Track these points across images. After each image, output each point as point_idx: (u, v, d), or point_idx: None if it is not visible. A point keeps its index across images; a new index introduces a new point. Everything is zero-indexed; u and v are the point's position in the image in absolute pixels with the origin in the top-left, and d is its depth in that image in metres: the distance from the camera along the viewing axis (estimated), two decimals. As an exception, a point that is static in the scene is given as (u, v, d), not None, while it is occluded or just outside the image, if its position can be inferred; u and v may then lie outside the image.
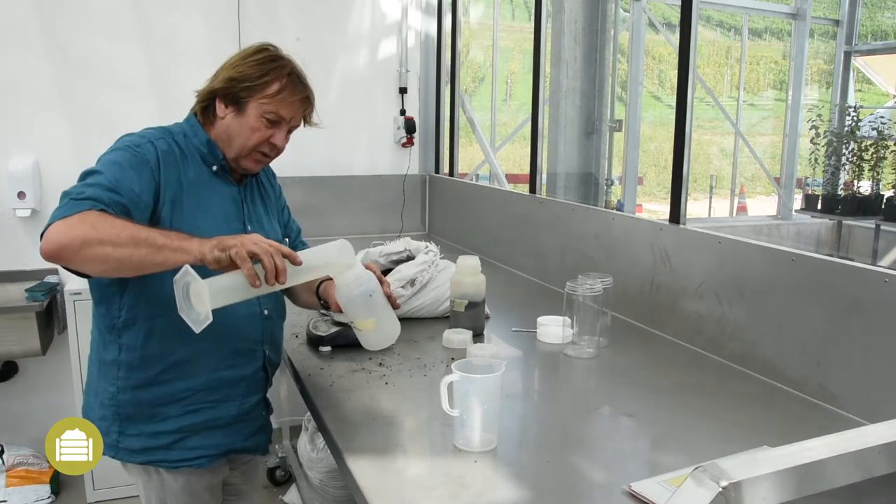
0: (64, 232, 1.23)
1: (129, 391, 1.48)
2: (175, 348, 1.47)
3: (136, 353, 1.47)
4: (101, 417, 1.51)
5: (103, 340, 1.50)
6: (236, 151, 1.53)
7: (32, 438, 2.97)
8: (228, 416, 1.56)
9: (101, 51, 3.14)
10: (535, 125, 2.88)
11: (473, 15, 7.82)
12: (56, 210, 1.28)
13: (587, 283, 1.83)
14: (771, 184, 7.63)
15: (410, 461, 1.30)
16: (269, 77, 1.49)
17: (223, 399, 1.55)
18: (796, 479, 0.62)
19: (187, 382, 1.50)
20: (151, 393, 1.48)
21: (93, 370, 1.56)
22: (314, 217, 3.46)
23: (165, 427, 1.50)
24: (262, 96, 1.49)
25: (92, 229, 1.23)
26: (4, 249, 3.08)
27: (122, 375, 1.48)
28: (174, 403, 1.50)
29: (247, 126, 1.51)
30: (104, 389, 1.50)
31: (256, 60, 1.50)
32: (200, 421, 1.52)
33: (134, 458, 1.51)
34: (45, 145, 3.10)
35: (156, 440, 1.50)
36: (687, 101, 2.00)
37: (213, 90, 1.52)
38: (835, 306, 1.55)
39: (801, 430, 1.47)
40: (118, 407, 1.49)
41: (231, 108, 1.51)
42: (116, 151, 1.42)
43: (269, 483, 3.12)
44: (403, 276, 2.07)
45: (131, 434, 1.50)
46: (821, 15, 8.38)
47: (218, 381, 1.53)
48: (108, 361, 1.49)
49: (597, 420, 1.53)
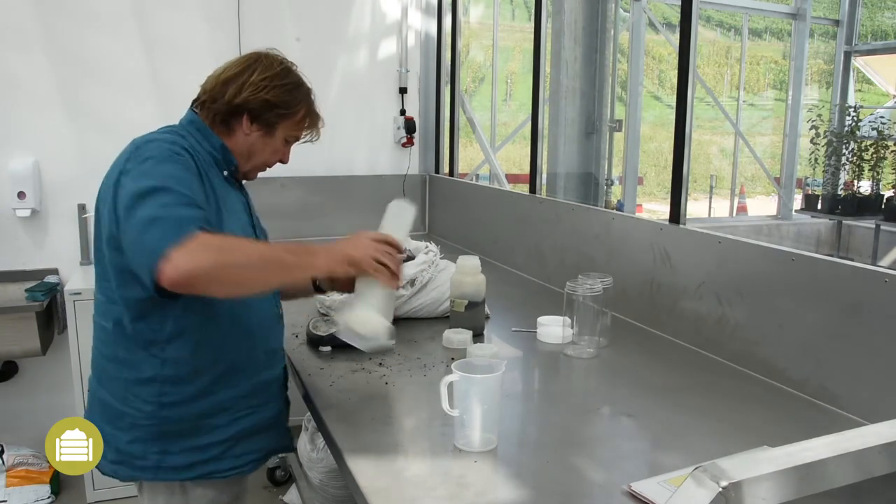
0: (191, 260, 1.18)
1: (173, 407, 1.42)
2: (224, 356, 1.45)
3: (184, 366, 1.41)
4: (131, 441, 1.43)
5: (136, 358, 1.41)
6: (252, 165, 1.57)
7: (32, 438, 2.97)
8: (269, 418, 1.56)
9: (101, 51, 3.14)
10: (535, 125, 2.88)
11: (473, 15, 7.82)
12: (155, 235, 1.21)
13: (587, 283, 1.83)
14: (771, 184, 7.63)
15: (410, 461, 1.30)
16: (300, 106, 1.55)
17: (264, 402, 1.55)
18: (796, 479, 0.62)
19: (233, 390, 1.47)
20: (198, 406, 1.44)
21: (112, 394, 1.45)
22: (314, 217, 3.47)
23: (213, 438, 1.46)
24: (292, 122, 1.55)
25: (220, 254, 1.22)
26: (4, 249, 3.08)
27: (165, 391, 1.41)
28: (221, 413, 1.46)
29: (271, 147, 1.56)
30: (137, 409, 1.42)
31: (289, 86, 1.53)
32: (248, 427, 1.51)
33: (180, 475, 1.45)
34: (45, 145, 3.10)
35: (204, 453, 1.45)
36: (687, 101, 2.00)
37: (241, 106, 1.50)
38: (835, 306, 1.55)
39: (801, 430, 1.47)
40: (159, 425, 1.42)
41: (258, 128, 1.52)
42: (166, 163, 1.33)
43: (269, 483, 3.12)
44: (404, 276, 2.07)
45: (175, 452, 1.43)
46: (821, 15, 8.38)
47: (259, 384, 1.53)
48: (143, 380, 1.41)
49: (597, 420, 1.53)
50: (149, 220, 1.22)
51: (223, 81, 1.51)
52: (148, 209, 1.24)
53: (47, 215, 3.14)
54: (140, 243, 1.23)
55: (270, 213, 2.13)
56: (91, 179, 3.17)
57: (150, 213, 1.23)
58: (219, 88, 1.51)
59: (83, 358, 2.80)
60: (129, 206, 1.26)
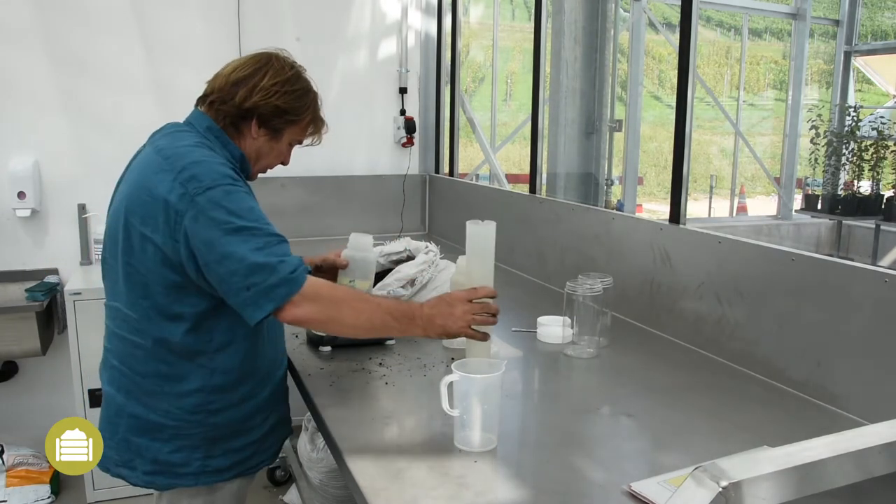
0: (314, 311, 1.37)
1: (219, 413, 1.48)
2: (262, 362, 1.54)
3: (230, 375, 1.48)
4: (174, 450, 1.46)
5: (182, 372, 1.44)
6: (258, 168, 1.61)
7: (32, 438, 2.97)
8: (284, 412, 1.69)
9: (101, 51, 3.14)
10: (535, 125, 2.88)
11: (473, 15, 7.82)
12: (269, 281, 1.32)
13: (587, 283, 1.83)
14: (771, 184, 7.63)
15: (410, 461, 1.30)
16: (307, 112, 1.58)
17: (283, 398, 1.67)
18: (796, 479, 0.62)
19: (266, 392, 1.57)
20: (242, 410, 1.51)
21: (149, 409, 1.46)
22: (314, 217, 3.47)
23: (251, 437, 1.55)
24: (297, 128, 1.59)
25: (337, 313, 1.39)
26: (4, 249, 3.08)
27: (212, 399, 1.46)
28: (258, 414, 1.56)
29: (276, 150, 1.60)
30: (181, 421, 1.45)
31: (298, 92, 1.55)
32: (274, 423, 1.62)
33: (222, 476, 1.51)
34: (45, 145, 3.10)
35: (242, 453, 1.53)
36: (687, 101, 2.00)
37: (251, 110, 1.51)
38: (835, 306, 1.55)
39: (801, 430, 1.47)
40: (205, 432, 1.47)
41: (265, 132, 1.55)
42: (239, 194, 1.38)
43: (269, 483, 3.12)
44: (403, 276, 2.07)
45: (217, 455, 1.49)
46: (821, 15, 8.38)
47: (280, 382, 1.65)
48: (189, 391, 1.45)
49: (597, 420, 1.53)
50: (255, 267, 1.31)
51: (233, 82, 1.51)
52: (244, 250, 1.32)
53: (47, 215, 3.14)
54: (250, 287, 1.32)
55: (270, 213, 2.10)
56: (91, 179, 3.21)
57: (252, 259, 1.31)
58: (228, 89, 1.51)
59: (83, 358, 2.80)
60: (211, 245, 1.32)
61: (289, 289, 1.32)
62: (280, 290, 1.32)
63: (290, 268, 1.33)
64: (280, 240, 1.37)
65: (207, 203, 1.33)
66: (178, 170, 1.37)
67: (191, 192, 1.34)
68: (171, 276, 1.38)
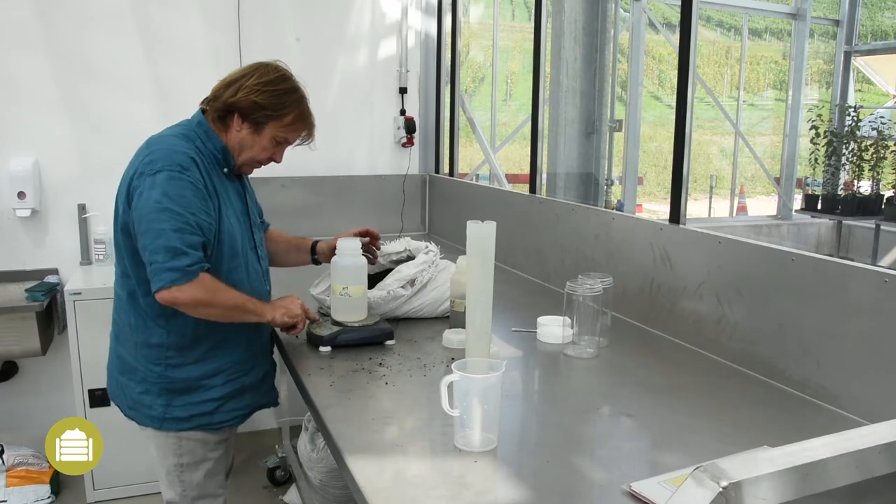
0: (182, 298, 1.57)
1: (176, 369, 1.70)
2: (220, 328, 1.71)
3: (186, 336, 1.69)
4: (142, 392, 1.72)
5: (146, 326, 1.69)
6: (242, 160, 1.77)
7: (32, 438, 2.97)
8: (256, 380, 1.85)
9: (101, 51, 3.14)
10: (535, 125, 2.88)
11: (473, 15, 7.82)
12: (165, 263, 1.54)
13: (587, 283, 1.83)
14: (771, 184, 7.64)
15: (410, 461, 1.30)
16: (288, 109, 1.72)
17: (253, 366, 1.83)
18: (796, 479, 0.62)
19: (227, 357, 1.76)
20: (198, 369, 1.72)
21: (127, 352, 1.74)
22: (314, 217, 3.47)
23: (210, 395, 1.74)
24: (279, 124, 1.73)
25: (208, 297, 1.60)
26: (4, 249, 3.08)
27: (170, 356, 1.69)
28: (217, 375, 1.75)
29: (259, 145, 1.74)
30: (146, 369, 1.71)
31: (280, 91, 1.71)
32: (238, 387, 1.79)
33: (181, 425, 1.73)
34: (45, 145, 3.10)
35: (201, 408, 1.74)
36: (687, 101, 2.00)
37: (233, 105, 1.70)
38: (835, 306, 1.55)
39: (801, 430, 1.47)
40: (166, 383, 1.70)
41: (248, 126, 1.72)
42: (181, 181, 1.59)
43: (269, 483, 3.12)
44: (403, 276, 2.07)
45: (177, 405, 1.72)
46: (821, 15, 8.38)
47: (249, 352, 1.81)
48: (151, 344, 1.69)
49: (597, 420, 1.53)
50: (165, 248, 1.54)
51: (226, 84, 1.73)
52: (163, 227, 1.54)
53: (47, 215, 3.14)
54: (152, 262, 1.55)
55: (271, 212, 2.13)
56: (91, 179, 3.22)
57: (164, 240, 1.54)
58: (221, 90, 1.73)
59: (83, 358, 2.80)
60: (141, 218, 1.56)
61: (177, 276, 1.54)
62: (169, 275, 1.54)
63: (188, 260, 1.55)
64: (197, 232, 1.59)
65: (152, 183, 1.57)
66: (146, 154, 1.64)
67: (146, 172, 1.59)
68: (129, 243, 1.64)
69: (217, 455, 1.83)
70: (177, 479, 1.79)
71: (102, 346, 1.90)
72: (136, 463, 2.87)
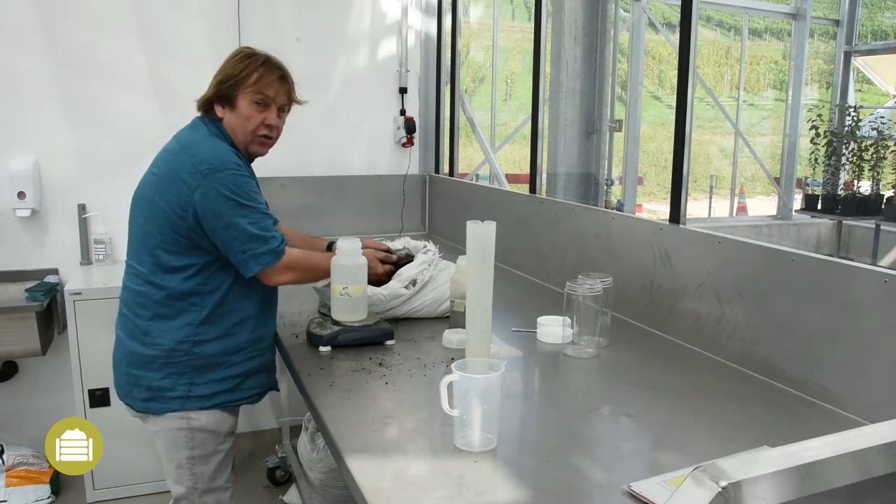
0: (284, 276, 1.80)
1: (203, 345, 1.76)
2: (241, 307, 1.81)
3: (214, 312, 1.77)
4: (164, 377, 1.76)
5: (176, 313, 1.75)
6: (242, 140, 1.82)
7: (32, 438, 2.97)
8: (270, 360, 1.94)
9: (101, 51, 3.14)
10: (535, 125, 2.88)
11: (473, 15, 7.82)
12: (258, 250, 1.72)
13: (587, 283, 1.83)
14: (771, 184, 7.64)
15: (410, 461, 1.30)
16: (248, 69, 1.78)
17: (265, 349, 1.90)
18: (796, 479, 0.62)
19: (246, 335, 1.82)
20: (223, 344, 1.79)
21: (141, 343, 1.77)
22: (314, 217, 3.47)
23: (231, 372, 1.81)
24: (246, 86, 1.77)
25: (303, 274, 1.86)
26: (4, 249, 3.08)
27: (199, 332, 1.76)
28: (238, 352, 1.82)
29: (242, 116, 1.79)
30: (171, 350, 1.75)
31: (235, 60, 1.80)
32: (255, 366, 1.87)
33: (203, 403, 1.78)
34: (45, 145, 3.10)
35: (222, 385, 1.80)
36: (687, 101, 2.00)
37: (208, 98, 1.80)
38: (835, 306, 1.55)
39: (801, 430, 1.47)
40: (192, 359, 1.76)
41: (226, 107, 1.80)
42: (243, 178, 1.73)
43: (269, 483, 3.12)
44: (405, 277, 2.07)
45: (200, 382, 1.78)
46: (821, 15, 8.38)
47: (262, 334, 1.88)
48: (182, 325, 1.75)
49: (597, 420, 1.53)
50: (252, 237, 1.70)
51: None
52: (243, 221, 1.69)
53: (47, 215, 3.14)
54: (245, 251, 1.71)
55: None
56: (91, 179, 3.22)
57: (250, 231, 1.70)
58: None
59: (83, 358, 2.80)
60: (219, 214, 1.67)
61: (272, 258, 1.73)
62: (266, 258, 1.72)
63: (276, 243, 1.74)
64: (268, 217, 1.77)
65: (217, 182, 1.67)
66: (192, 153, 1.71)
67: (202, 171, 1.67)
68: (174, 237, 1.71)
69: (226, 448, 1.88)
70: (188, 472, 1.82)
71: (102, 345, 1.91)
72: (136, 463, 2.87)
